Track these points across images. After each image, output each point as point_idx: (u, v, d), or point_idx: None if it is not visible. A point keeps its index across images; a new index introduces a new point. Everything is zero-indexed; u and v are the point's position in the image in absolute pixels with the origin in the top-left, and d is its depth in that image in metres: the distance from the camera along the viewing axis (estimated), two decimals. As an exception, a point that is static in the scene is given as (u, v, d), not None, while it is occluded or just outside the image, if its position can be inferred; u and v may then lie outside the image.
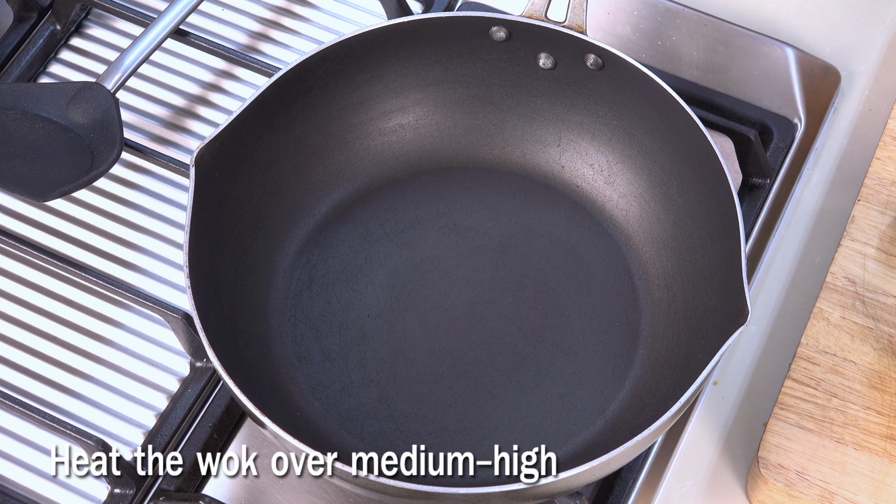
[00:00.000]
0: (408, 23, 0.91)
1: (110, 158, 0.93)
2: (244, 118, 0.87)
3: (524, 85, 0.94)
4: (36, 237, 0.98)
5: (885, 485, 0.84)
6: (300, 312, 0.91)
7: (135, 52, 0.98)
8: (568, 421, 0.87)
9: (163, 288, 0.96)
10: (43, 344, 0.94)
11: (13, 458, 0.90)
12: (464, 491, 0.76)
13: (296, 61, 0.89)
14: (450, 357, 0.90)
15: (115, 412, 0.92)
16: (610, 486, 0.88)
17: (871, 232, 0.93)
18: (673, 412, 0.77)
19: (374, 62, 0.93)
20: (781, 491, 0.85)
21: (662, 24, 1.05)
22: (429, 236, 0.94)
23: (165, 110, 1.04)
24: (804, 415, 0.87)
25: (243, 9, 1.09)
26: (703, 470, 0.89)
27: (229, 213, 0.89)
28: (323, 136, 0.94)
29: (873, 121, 1.02)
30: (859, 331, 0.90)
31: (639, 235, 0.93)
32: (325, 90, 0.92)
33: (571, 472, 0.76)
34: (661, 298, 0.91)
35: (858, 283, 0.91)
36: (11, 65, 1.05)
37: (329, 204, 0.95)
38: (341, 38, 0.90)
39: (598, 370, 0.89)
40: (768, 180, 0.99)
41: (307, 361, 0.89)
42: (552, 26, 0.90)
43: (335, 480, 0.79)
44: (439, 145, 0.97)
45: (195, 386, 0.92)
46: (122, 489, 0.88)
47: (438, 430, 0.87)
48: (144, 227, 0.99)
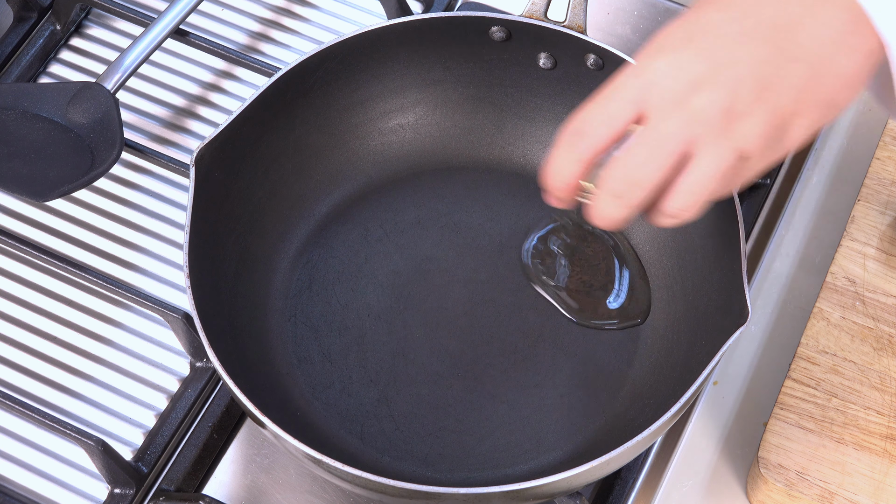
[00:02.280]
0: (408, 23, 0.91)
1: (110, 158, 0.93)
2: (244, 118, 0.87)
3: (524, 85, 0.94)
4: (36, 237, 0.98)
5: (885, 485, 0.84)
6: (300, 312, 0.91)
7: (135, 52, 0.98)
8: (568, 421, 0.87)
9: (163, 288, 0.96)
10: (43, 344, 0.94)
11: (13, 458, 0.90)
12: (464, 491, 0.76)
13: (296, 61, 0.89)
14: (450, 357, 0.90)
15: (115, 412, 0.92)
16: (610, 486, 0.88)
17: (871, 232, 0.93)
18: (673, 412, 0.77)
19: (374, 62, 0.93)
20: (781, 491, 0.85)
21: (662, 24, 1.04)
22: (429, 236, 0.94)
23: (165, 110, 1.04)
24: (804, 415, 0.87)
25: (243, 9, 1.09)
26: (703, 470, 0.89)
27: (229, 213, 0.89)
28: (323, 136, 0.94)
29: (873, 121, 1.02)
30: (859, 331, 0.90)
31: (639, 235, 0.93)
32: (325, 90, 0.92)
33: (571, 472, 0.76)
34: (661, 298, 0.91)
35: (858, 283, 0.91)
36: (11, 65, 1.05)
37: (329, 204, 0.95)
38: (341, 38, 0.90)
39: (598, 370, 0.89)
40: (768, 180, 0.99)
41: (307, 361, 0.89)
42: (552, 26, 0.90)
43: (335, 480, 0.79)
44: (439, 145, 0.97)
45: (195, 386, 0.92)
46: (122, 489, 0.88)
47: (438, 430, 0.87)
48: (144, 227, 0.99)
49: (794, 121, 0.68)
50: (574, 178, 0.70)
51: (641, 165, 0.68)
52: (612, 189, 0.69)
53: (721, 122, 0.66)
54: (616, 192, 0.69)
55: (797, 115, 0.68)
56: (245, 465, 0.90)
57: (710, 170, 0.67)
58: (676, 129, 0.67)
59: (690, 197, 0.68)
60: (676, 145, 0.67)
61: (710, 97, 0.66)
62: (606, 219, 0.70)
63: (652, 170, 0.68)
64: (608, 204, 0.70)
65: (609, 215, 0.70)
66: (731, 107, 0.66)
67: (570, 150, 0.70)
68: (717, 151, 0.67)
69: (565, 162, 0.70)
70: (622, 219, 0.70)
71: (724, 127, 0.67)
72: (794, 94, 0.67)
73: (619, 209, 0.69)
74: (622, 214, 0.70)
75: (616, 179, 0.69)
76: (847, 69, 0.68)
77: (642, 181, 0.68)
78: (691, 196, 0.68)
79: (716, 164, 0.67)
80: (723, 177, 0.68)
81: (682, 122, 0.67)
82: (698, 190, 0.68)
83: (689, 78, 0.67)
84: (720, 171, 0.67)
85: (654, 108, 0.67)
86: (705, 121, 0.66)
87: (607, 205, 0.70)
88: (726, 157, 0.67)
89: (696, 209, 0.69)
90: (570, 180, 0.71)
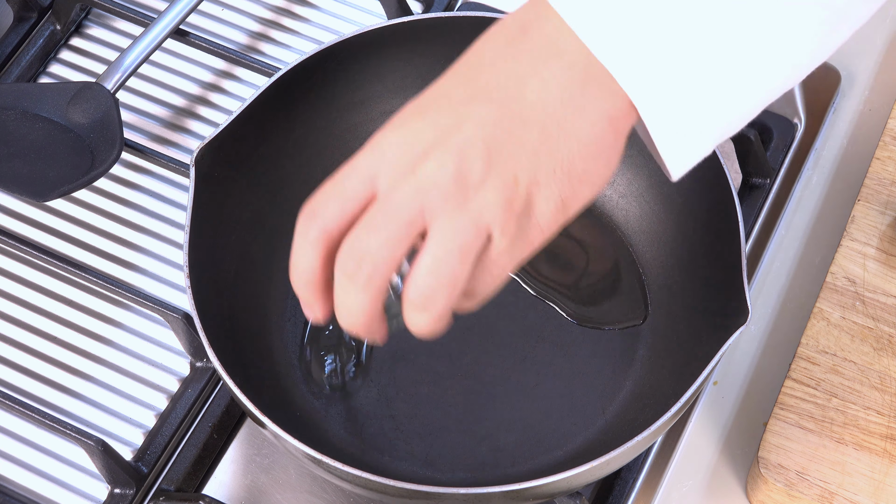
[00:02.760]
0: (408, 23, 0.91)
1: (110, 158, 0.93)
2: (244, 118, 0.87)
3: (524, 85, 0.94)
4: (36, 237, 0.98)
5: (885, 485, 0.84)
6: (300, 312, 0.91)
7: (135, 52, 0.98)
8: (568, 421, 0.87)
9: (163, 288, 0.96)
10: (43, 344, 0.94)
11: (13, 458, 0.90)
12: (464, 491, 0.76)
13: (296, 61, 0.89)
14: (450, 357, 0.90)
15: (115, 412, 0.92)
16: (610, 486, 0.88)
17: (871, 232, 0.93)
18: (673, 412, 0.77)
19: (374, 62, 0.93)
20: (781, 491, 0.85)
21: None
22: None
23: (165, 110, 1.04)
24: (804, 415, 0.87)
25: (243, 9, 1.09)
26: (703, 470, 0.89)
27: (229, 213, 0.89)
28: (323, 136, 0.94)
29: (873, 121, 1.02)
30: (859, 331, 0.90)
31: (639, 235, 0.93)
32: (325, 90, 0.92)
33: (571, 472, 0.76)
34: (661, 298, 0.91)
35: (858, 283, 0.91)
36: (11, 65, 1.05)
37: (329, 204, 0.95)
38: (341, 38, 0.90)
39: (598, 370, 0.89)
40: (768, 180, 0.99)
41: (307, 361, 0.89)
42: (552, 26, 0.90)
43: (335, 480, 0.79)
44: (439, 145, 0.97)
45: (195, 386, 0.92)
46: (122, 489, 0.88)
47: (438, 430, 0.87)
48: (144, 227, 0.99)
49: (537, 192, 0.62)
50: (313, 269, 0.64)
51: (375, 239, 0.62)
52: (345, 268, 0.63)
53: (453, 190, 0.61)
54: (349, 272, 0.63)
55: (538, 185, 0.62)
56: (245, 465, 0.90)
57: (446, 244, 0.61)
58: (406, 199, 0.62)
59: (430, 278, 0.62)
60: (408, 214, 0.62)
61: (437, 163, 0.62)
62: (349, 313, 0.64)
63: (387, 244, 0.62)
64: (344, 289, 0.63)
65: (350, 305, 0.63)
66: (461, 172, 0.61)
67: (305, 236, 0.64)
68: (451, 223, 0.61)
69: (301, 251, 0.65)
70: (363, 313, 0.63)
71: (458, 195, 0.61)
72: (527, 159, 0.62)
73: (357, 295, 0.63)
74: (363, 305, 0.63)
75: (350, 256, 0.63)
76: (584, 132, 0.62)
77: (377, 258, 0.62)
78: (431, 277, 0.62)
79: (452, 237, 0.61)
80: (463, 254, 0.62)
81: (411, 190, 0.62)
82: (437, 268, 0.62)
83: (418, 147, 0.62)
84: (458, 246, 0.61)
85: (384, 181, 0.63)
86: (436, 187, 0.61)
87: (343, 290, 0.63)
88: (463, 230, 0.61)
89: (445, 298, 0.63)
90: (311, 273, 0.64)
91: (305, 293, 0.66)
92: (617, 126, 0.63)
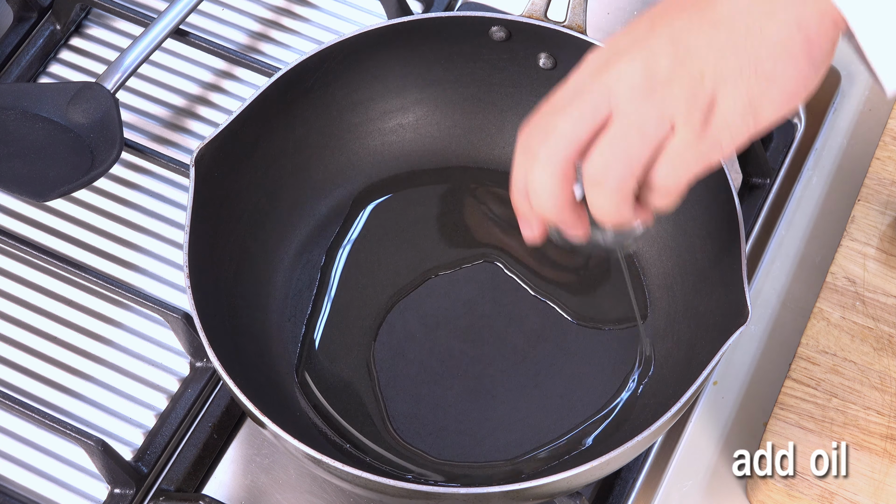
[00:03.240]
0: (408, 23, 0.91)
1: (110, 158, 0.93)
2: (244, 118, 0.87)
3: (524, 85, 0.94)
4: (36, 237, 0.98)
5: (885, 485, 0.84)
6: (300, 312, 0.91)
7: (135, 52, 0.98)
8: (568, 421, 0.87)
9: (163, 288, 0.96)
10: (43, 344, 0.94)
11: (13, 458, 0.90)
12: (464, 491, 0.76)
13: (296, 61, 0.89)
14: (450, 357, 0.90)
15: (115, 412, 0.92)
16: (610, 486, 0.88)
17: (871, 232, 0.93)
18: (673, 412, 0.77)
19: (374, 62, 0.93)
20: (781, 491, 0.85)
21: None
22: (428, 236, 0.94)
23: (165, 110, 1.04)
24: (804, 415, 0.87)
25: (243, 9, 1.09)
26: (703, 470, 0.89)
27: (229, 213, 0.89)
28: (323, 136, 0.94)
29: (873, 121, 1.02)
30: (859, 331, 0.90)
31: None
32: (325, 90, 0.92)
33: (571, 472, 0.76)
34: (661, 298, 0.91)
35: (858, 283, 0.91)
36: (11, 65, 1.05)
37: (329, 204, 0.95)
38: (341, 38, 0.90)
39: (598, 370, 0.89)
40: (768, 180, 0.99)
41: (307, 361, 0.89)
42: (552, 26, 0.90)
43: (335, 480, 0.79)
44: (439, 145, 0.97)
45: (195, 386, 0.92)
46: (122, 489, 0.88)
47: (438, 430, 0.87)
48: (144, 227, 0.99)
49: (723, 88, 0.66)
50: (566, 190, 0.69)
51: (624, 142, 0.67)
52: (594, 177, 0.68)
53: (640, 82, 0.66)
54: (598, 180, 0.67)
55: (724, 82, 0.66)
56: (245, 465, 0.90)
57: (626, 125, 0.66)
58: (594, 91, 0.67)
59: (607, 152, 0.67)
60: (596, 101, 0.67)
61: (627, 61, 0.67)
62: (608, 213, 0.69)
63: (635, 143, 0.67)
64: (600, 195, 0.68)
65: (608, 207, 0.68)
66: (648, 69, 0.66)
67: (549, 160, 0.69)
68: (635, 107, 0.66)
69: (546, 176, 0.69)
70: (623, 208, 0.68)
71: (645, 88, 0.66)
72: (714, 57, 0.66)
73: (614, 196, 0.68)
74: (620, 202, 0.68)
75: (605, 163, 0.67)
76: (772, 34, 0.65)
77: (630, 158, 0.67)
78: (607, 151, 0.67)
79: (633, 119, 0.66)
80: (641, 135, 0.66)
81: (602, 88, 0.67)
82: (613, 143, 0.67)
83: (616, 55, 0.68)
84: (637, 127, 0.66)
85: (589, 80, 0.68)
86: (622, 81, 0.66)
87: (600, 196, 0.68)
88: (644, 114, 0.66)
89: (621, 173, 0.67)
90: (563, 197, 0.69)
91: (563, 215, 0.70)
92: (807, 33, 0.66)
